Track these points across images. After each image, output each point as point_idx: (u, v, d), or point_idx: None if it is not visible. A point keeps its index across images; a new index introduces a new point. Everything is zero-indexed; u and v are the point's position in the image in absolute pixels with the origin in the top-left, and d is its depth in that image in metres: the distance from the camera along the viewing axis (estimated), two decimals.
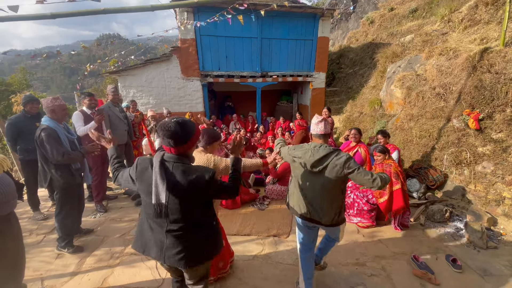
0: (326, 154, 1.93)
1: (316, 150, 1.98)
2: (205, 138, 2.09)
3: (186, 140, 1.47)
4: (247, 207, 4.00)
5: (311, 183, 2.04)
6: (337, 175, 1.90)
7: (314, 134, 2.09)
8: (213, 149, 2.14)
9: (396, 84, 5.89)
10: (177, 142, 1.44)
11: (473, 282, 2.49)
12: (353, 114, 7.34)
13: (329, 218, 2.03)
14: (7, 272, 1.94)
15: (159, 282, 2.48)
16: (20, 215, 3.70)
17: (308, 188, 2.05)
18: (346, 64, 10.18)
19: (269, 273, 2.60)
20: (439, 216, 3.52)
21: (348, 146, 4.40)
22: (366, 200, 3.42)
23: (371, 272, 2.63)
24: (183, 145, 1.47)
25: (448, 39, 5.82)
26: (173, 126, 1.42)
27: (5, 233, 1.89)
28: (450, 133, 4.45)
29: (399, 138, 5.30)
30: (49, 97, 2.79)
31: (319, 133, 2.05)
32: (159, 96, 7.12)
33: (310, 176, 2.02)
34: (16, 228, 2.03)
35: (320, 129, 2.05)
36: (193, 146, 1.56)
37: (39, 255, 2.89)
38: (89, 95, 3.81)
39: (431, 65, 5.37)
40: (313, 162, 1.95)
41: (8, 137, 3.53)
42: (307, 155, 1.99)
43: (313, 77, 8.09)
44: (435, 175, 4.21)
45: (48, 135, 2.58)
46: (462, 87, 4.57)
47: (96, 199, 3.88)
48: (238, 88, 8.87)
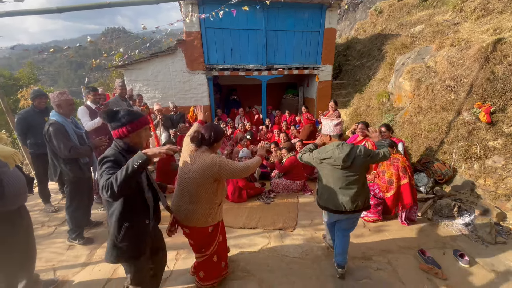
0: (350, 149, 2.25)
1: (341, 148, 2.27)
2: (212, 135, 1.94)
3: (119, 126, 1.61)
4: (253, 201, 4.02)
5: (342, 177, 2.28)
6: (363, 164, 2.27)
7: (334, 135, 2.43)
8: (219, 146, 2.06)
9: (405, 77, 5.77)
10: (112, 127, 1.63)
11: (480, 277, 2.48)
12: (360, 107, 7.24)
13: (361, 203, 2.31)
14: (19, 263, 2.00)
15: (167, 274, 2.53)
16: (31, 207, 3.81)
17: (341, 182, 2.29)
18: (354, 56, 9.98)
19: (275, 266, 2.62)
20: (447, 210, 3.49)
21: (355, 140, 4.36)
22: (373, 194, 3.40)
23: (377, 266, 2.63)
24: (117, 129, 1.62)
25: (460, 29, 5.63)
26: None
27: (16, 226, 1.95)
28: (460, 127, 4.36)
29: (407, 131, 5.22)
30: (56, 92, 2.80)
31: (338, 134, 2.44)
32: (165, 90, 7.13)
33: (341, 171, 2.28)
34: (27, 221, 2.09)
35: (339, 130, 2.45)
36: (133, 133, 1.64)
37: (51, 246, 2.97)
38: (93, 90, 3.83)
39: (441, 56, 5.22)
40: (343, 157, 2.21)
41: (18, 131, 3.59)
42: (336, 153, 2.25)
43: (320, 70, 7.97)
44: (444, 169, 4.15)
45: (56, 130, 2.61)
46: (474, 79, 4.45)
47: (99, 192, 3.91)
48: (244, 81, 8.80)
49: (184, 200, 1.96)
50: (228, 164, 1.89)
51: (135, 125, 1.64)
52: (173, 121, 6.18)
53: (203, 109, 2.66)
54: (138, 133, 1.67)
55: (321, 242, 3.00)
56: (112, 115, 1.63)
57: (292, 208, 3.74)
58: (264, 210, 3.73)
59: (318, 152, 2.39)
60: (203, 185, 1.89)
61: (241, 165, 1.93)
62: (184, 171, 1.96)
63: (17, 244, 1.95)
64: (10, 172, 1.90)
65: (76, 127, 2.91)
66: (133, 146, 1.66)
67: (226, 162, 1.89)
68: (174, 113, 6.27)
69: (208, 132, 1.94)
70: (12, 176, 1.89)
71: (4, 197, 1.82)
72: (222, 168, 1.86)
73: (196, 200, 1.92)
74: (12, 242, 1.91)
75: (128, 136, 1.64)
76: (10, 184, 1.86)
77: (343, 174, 2.27)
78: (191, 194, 1.92)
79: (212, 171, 1.85)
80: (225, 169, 1.87)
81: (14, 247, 1.93)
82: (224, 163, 1.87)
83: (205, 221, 1.99)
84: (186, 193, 1.94)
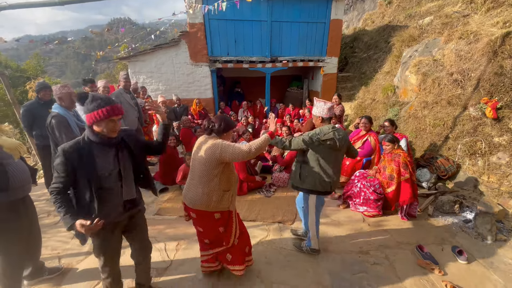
0: (344, 132, 2.45)
1: (338, 130, 2.39)
2: (222, 125, 2.06)
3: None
4: (253, 194, 4.06)
5: (336, 159, 2.45)
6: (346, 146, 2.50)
7: (327, 117, 2.44)
8: (228, 136, 2.15)
9: (412, 70, 5.65)
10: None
11: (478, 274, 2.48)
12: (365, 101, 7.14)
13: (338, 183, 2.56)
14: (24, 250, 2.09)
15: (168, 263, 2.60)
16: (38, 197, 3.92)
17: (334, 164, 2.44)
18: (360, 48, 9.77)
19: (273, 258, 2.67)
20: (448, 207, 3.47)
21: (358, 135, 4.33)
22: (373, 189, 3.39)
23: (374, 260, 2.65)
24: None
25: (470, 21, 5.45)
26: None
27: (21, 215, 2.02)
28: (466, 122, 4.28)
29: (411, 126, 5.15)
30: (58, 85, 2.86)
31: (330, 117, 2.47)
32: (168, 82, 7.14)
33: (335, 152, 2.41)
34: (31, 210, 2.16)
35: (331, 113, 2.47)
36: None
37: (56, 235, 3.07)
38: (90, 82, 3.85)
39: (449, 49, 5.08)
40: (341, 140, 2.37)
41: (25, 123, 3.63)
42: (337, 135, 2.35)
43: (325, 62, 7.86)
44: (447, 165, 4.10)
45: (58, 122, 2.67)
46: (481, 74, 4.33)
47: None
48: (247, 73, 8.74)
49: (193, 183, 2.08)
50: (229, 146, 1.95)
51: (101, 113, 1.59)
52: (176, 114, 6.21)
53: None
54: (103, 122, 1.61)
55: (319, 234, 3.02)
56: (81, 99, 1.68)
57: (292, 202, 3.76)
58: (264, 203, 3.77)
59: (317, 133, 2.37)
60: (208, 167, 1.99)
61: (244, 148, 1.95)
62: (194, 157, 2.11)
63: (22, 232, 2.03)
64: (15, 164, 1.95)
65: (78, 120, 2.96)
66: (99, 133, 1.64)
67: (228, 145, 1.97)
68: (177, 106, 6.29)
69: (219, 122, 2.06)
70: (16, 168, 1.95)
71: (10, 188, 1.88)
72: (223, 151, 1.94)
73: (202, 181, 2.02)
74: (17, 230, 1.99)
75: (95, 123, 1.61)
76: (15, 175, 1.92)
77: (338, 155, 2.48)
78: (198, 176, 2.04)
79: (215, 153, 1.95)
80: (226, 151, 1.93)
81: (19, 235, 2.00)
82: (225, 145, 1.95)
83: (209, 204, 2.03)
84: (196, 176, 2.06)
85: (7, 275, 1.97)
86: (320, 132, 2.36)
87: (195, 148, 2.13)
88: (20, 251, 2.03)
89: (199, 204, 2.03)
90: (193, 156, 2.13)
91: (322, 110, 2.42)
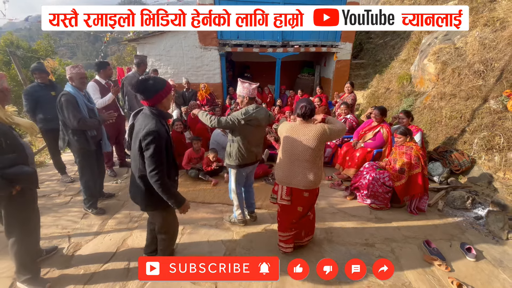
0: (265, 110, 2.70)
1: (261, 109, 2.62)
2: (313, 107, 2.25)
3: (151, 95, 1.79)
4: (259, 181, 4.05)
5: (259, 135, 2.74)
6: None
7: (252, 97, 2.56)
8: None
9: (430, 58, 5.36)
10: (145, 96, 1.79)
11: (486, 272, 2.42)
12: (379, 89, 6.89)
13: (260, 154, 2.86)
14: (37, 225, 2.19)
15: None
16: (49, 177, 4.03)
17: (257, 139, 2.72)
18: (377, 34, 9.34)
19: (276, 247, 2.67)
20: (460, 202, 3.37)
21: (370, 125, 4.20)
22: (382, 182, 3.31)
23: (379, 253, 2.62)
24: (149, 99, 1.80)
25: (497, 7, 5.07)
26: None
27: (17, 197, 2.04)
28: (485, 115, 4.07)
29: (426, 118, 4.95)
30: (70, 65, 2.86)
31: (255, 96, 2.61)
32: (177, 65, 7.05)
33: (257, 129, 2.64)
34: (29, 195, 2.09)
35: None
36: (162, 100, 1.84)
37: (66, 214, 3.16)
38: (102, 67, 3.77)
39: (473, 37, 4.78)
40: (263, 119, 2.63)
41: (27, 107, 3.49)
42: (259, 114, 2.56)
43: (338, 48, 7.57)
44: (462, 159, 3.95)
45: (67, 100, 2.68)
46: (506, 64, 4.06)
47: (107, 165, 4.01)
48: (257, 58, 8.52)
49: (302, 167, 2.24)
50: (333, 127, 2.21)
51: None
52: (185, 98, 6.17)
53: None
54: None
55: (324, 225, 3.00)
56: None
57: None
58: (270, 191, 3.74)
59: (242, 113, 2.51)
60: (317, 147, 2.20)
61: (339, 124, 2.26)
62: (293, 144, 2.24)
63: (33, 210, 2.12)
64: (26, 143, 2.04)
65: (88, 101, 2.96)
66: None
67: (332, 126, 2.21)
68: (186, 90, 6.23)
69: (310, 106, 2.24)
70: (28, 146, 2.04)
71: (29, 164, 1.95)
72: (332, 132, 2.19)
73: (314, 162, 2.24)
74: (36, 202, 2.13)
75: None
76: (29, 152, 2.01)
77: (261, 131, 2.76)
78: (306, 160, 2.22)
79: (325, 135, 2.18)
80: (333, 131, 2.19)
81: (37, 207, 2.15)
82: (330, 128, 2.20)
83: (320, 181, 2.33)
84: (302, 161, 2.23)
85: (28, 250, 2.04)
86: (246, 112, 2.50)
87: (289, 134, 2.26)
88: (36, 225, 2.14)
89: (313, 184, 2.27)
90: (291, 143, 2.25)
91: (248, 91, 2.53)
